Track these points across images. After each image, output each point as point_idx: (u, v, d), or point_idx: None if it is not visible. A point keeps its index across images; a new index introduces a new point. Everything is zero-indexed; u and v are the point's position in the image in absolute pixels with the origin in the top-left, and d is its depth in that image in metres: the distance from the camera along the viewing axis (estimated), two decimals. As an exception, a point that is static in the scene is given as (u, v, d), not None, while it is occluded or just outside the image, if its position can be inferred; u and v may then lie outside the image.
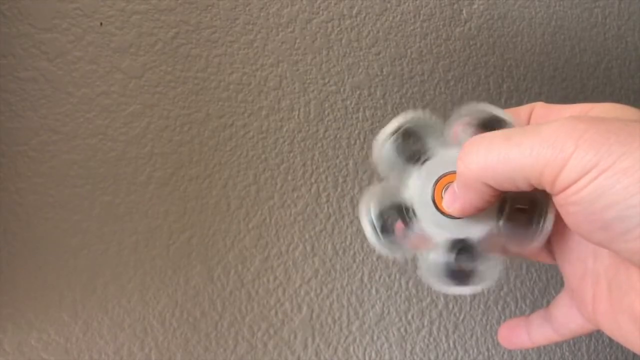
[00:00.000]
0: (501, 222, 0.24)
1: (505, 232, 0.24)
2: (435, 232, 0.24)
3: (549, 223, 0.23)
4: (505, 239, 0.24)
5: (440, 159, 0.24)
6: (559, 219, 0.23)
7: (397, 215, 0.24)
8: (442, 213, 0.24)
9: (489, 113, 0.24)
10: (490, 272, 0.24)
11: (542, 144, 0.19)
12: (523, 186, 0.20)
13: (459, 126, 0.24)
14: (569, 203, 0.19)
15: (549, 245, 0.26)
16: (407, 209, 0.24)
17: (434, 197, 0.24)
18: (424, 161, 0.24)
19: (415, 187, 0.24)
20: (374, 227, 0.24)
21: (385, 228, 0.24)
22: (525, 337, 0.27)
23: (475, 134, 0.24)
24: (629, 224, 0.17)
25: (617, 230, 0.18)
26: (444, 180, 0.24)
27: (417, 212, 0.24)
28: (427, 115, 0.25)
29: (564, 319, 0.26)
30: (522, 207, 0.24)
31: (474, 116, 0.24)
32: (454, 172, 0.24)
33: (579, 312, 0.24)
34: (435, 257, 0.24)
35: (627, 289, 0.21)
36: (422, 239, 0.24)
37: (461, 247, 0.24)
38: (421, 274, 0.24)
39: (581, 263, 0.23)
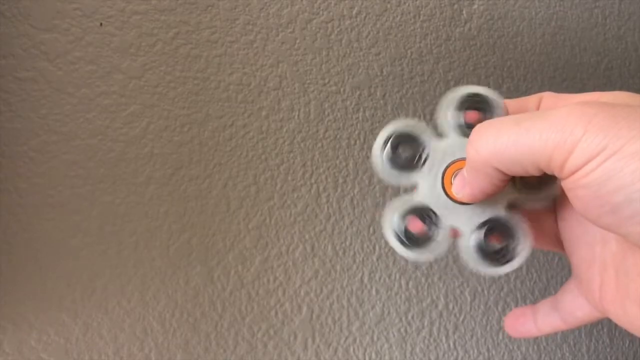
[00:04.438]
0: (517, 186, 0.24)
1: (522, 194, 0.24)
2: (458, 221, 0.24)
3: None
4: (524, 203, 0.24)
5: (440, 152, 0.25)
6: (567, 204, 0.23)
7: (418, 219, 0.25)
8: (454, 200, 0.24)
9: (470, 92, 0.24)
10: (522, 246, 0.24)
11: (551, 128, 0.19)
12: (532, 170, 0.20)
13: (446, 112, 0.25)
14: (578, 187, 0.19)
15: (557, 233, 0.26)
16: (426, 211, 0.24)
17: (443, 185, 0.24)
18: (424, 160, 0.24)
19: (425, 187, 0.25)
20: (399, 237, 0.24)
21: (409, 235, 0.24)
22: (532, 325, 0.27)
23: (465, 117, 0.24)
24: (637, 207, 0.17)
25: (626, 213, 0.18)
26: (451, 169, 0.24)
27: (435, 209, 0.24)
28: (409, 120, 0.25)
29: (571, 307, 0.26)
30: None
31: (460, 99, 0.25)
32: (460, 160, 0.24)
33: (586, 299, 0.25)
34: (467, 244, 0.24)
35: (634, 275, 0.21)
36: (451, 232, 0.25)
37: (490, 228, 0.24)
38: (463, 260, 0.25)
39: (589, 250, 0.23)
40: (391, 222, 0.25)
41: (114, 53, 0.41)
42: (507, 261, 0.24)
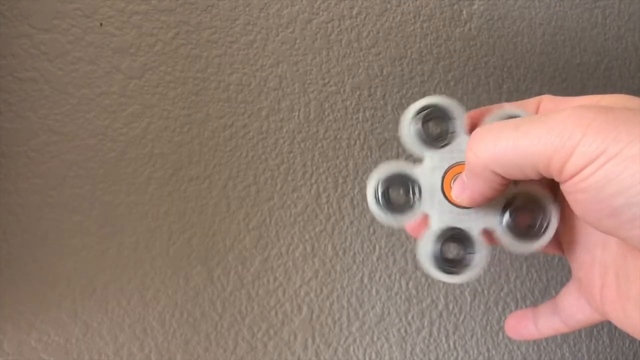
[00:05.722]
0: (504, 223, 0.24)
1: (507, 233, 0.24)
2: (433, 214, 0.24)
3: (551, 230, 0.24)
4: (505, 240, 0.24)
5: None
6: (567, 208, 0.23)
7: (402, 187, 0.25)
8: (451, 203, 0.24)
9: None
10: (477, 262, 0.24)
11: (550, 132, 0.19)
12: (531, 174, 0.20)
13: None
14: (577, 190, 0.19)
15: (557, 237, 0.26)
16: (413, 185, 0.25)
17: (442, 187, 0.24)
18: (443, 146, 0.25)
19: (429, 167, 0.25)
20: (376, 192, 0.25)
21: (386, 195, 0.25)
22: (533, 327, 0.28)
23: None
24: (637, 210, 0.17)
25: (626, 217, 0.18)
26: (453, 171, 0.24)
27: (423, 190, 0.24)
28: (454, 102, 0.25)
29: (571, 310, 0.26)
30: (527, 212, 0.24)
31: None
32: (459, 164, 0.24)
33: (587, 302, 0.25)
34: (426, 243, 0.24)
35: (635, 277, 0.21)
36: (421, 218, 0.25)
37: (453, 235, 0.24)
38: (417, 256, 0.25)
39: (589, 253, 0.23)
40: (379, 176, 0.25)
41: (114, 53, 0.41)
42: (455, 274, 0.24)
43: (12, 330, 0.38)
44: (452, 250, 0.24)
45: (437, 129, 0.25)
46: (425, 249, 0.24)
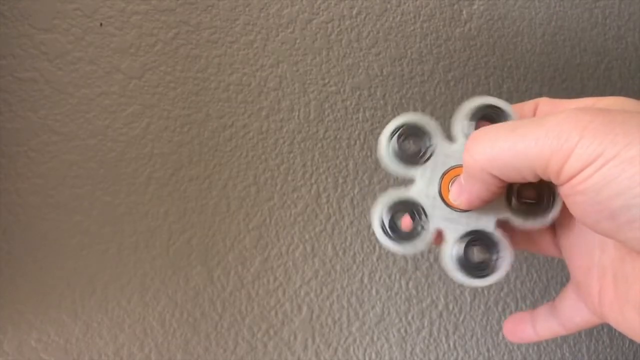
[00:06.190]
0: (512, 206, 0.24)
1: (517, 216, 0.24)
2: (445, 226, 0.24)
3: (559, 199, 0.24)
4: (517, 223, 0.24)
5: (444, 154, 0.25)
6: (565, 211, 0.23)
7: (406, 213, 0.25)
8: (450, 207, 0.24)
9: (486, 103, 0.25)
10: (502, 262, 0.24)
11: (548, 135, 0.19)
12: (529, 176, 0.20)
13: (461, 121, 0.25)
14: (575, 193, 0.19)
15: (555, 239, 0.26)
16: (416, 207, 0.25)
17: (441, 191, 0.24)
18: (428, 158, 0.25)
19: (422, 184, 0.25)
20: (383, 226, 0.25)
21: (393, 226, 0.25)
22: (531, 330, 0.28)
23: (477, 126, 0.24)
24: (635, 212, 0.17)
25: (624, 219, 0.18)
26: (450, 174, 0.24)
27: (426, 208, 0.25)
28: (423, 115, 0.25)
29: (569, 313, 0.26)
30: (531, 188, 0.24)
31: (474, 109, 0.25)
32: (459, 166, 0.24)
33: (585, 305, 0.25)
34: (449, 251, 0.24)
35: (634, 279, 0.21)
36: (435, 235, 0.25)
37: (473, 239, 0.24)
38: (442, 266, 0.25)
39: (587, 256, 0.23)
40: (381, 210, 0.25)
41: (114, 53, 0.41)
42: (485, 275, 0.24)
43: (12, 330, 0.38)
44: (476, 255, 0.24)
45: (415, 146, 0.25)
46: (449, 259, 0.24)
